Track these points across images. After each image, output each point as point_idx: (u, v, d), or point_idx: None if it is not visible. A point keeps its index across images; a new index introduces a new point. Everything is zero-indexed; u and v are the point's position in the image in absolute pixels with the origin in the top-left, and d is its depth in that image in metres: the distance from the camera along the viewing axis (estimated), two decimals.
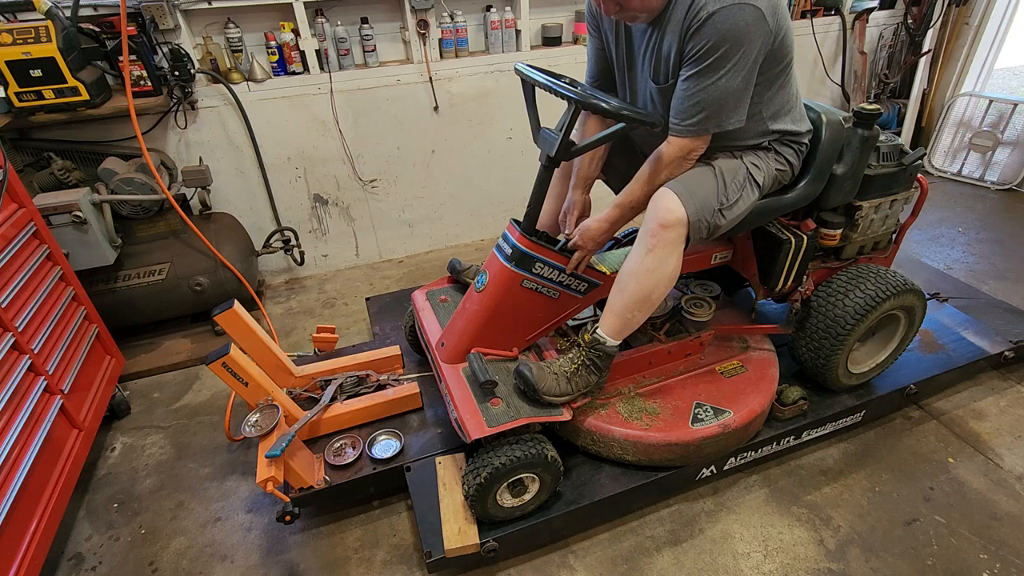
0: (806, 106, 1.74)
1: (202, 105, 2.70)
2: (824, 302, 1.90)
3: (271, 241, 2.97)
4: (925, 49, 3.95)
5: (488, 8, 2.99)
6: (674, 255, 1.54)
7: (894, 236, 2.09)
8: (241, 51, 2.67)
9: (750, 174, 1.62)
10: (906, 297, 1.88)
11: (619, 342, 1.67)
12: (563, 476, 1.70)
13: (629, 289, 1.58)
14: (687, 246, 1.57)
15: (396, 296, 2.80)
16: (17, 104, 2.19)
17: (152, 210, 2.49)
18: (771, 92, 1.56)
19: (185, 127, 2.72)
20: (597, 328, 1.66)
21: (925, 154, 3.88)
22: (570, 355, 1.69)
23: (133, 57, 2.33)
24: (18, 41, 2.10)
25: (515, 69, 1.59)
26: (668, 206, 1.50)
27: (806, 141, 1.72)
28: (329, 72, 2.81)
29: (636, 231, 1.63)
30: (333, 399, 1.98)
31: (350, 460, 1.81)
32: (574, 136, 1.66)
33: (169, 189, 2.45)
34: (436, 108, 3.08)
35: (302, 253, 3.11)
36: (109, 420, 2.31)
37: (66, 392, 1.89)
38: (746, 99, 1.46)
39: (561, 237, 1.74)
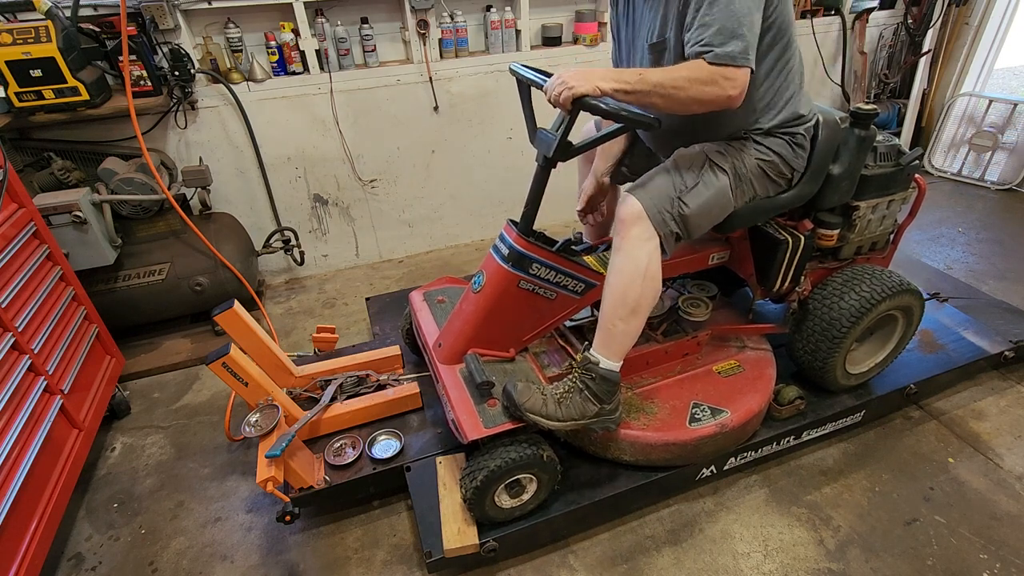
0: None
1: (202, 105, 2.70)
2: (821, 303, 1.89)
3: (271, 241, 2.98)
4: (925, 49, 3.94)
5: (488, 8, 2.99)
6: (640, 249, 1.49)
7: (892, 236, 2.09)
8: (241, 51, 2.68)
9: (709, 159, 1.57)
10: (903, 297, 1.88)
11: (616, 364, 1.59)
12: (562, 476, 1.70)
13: (606, 295, 1.56)
14: (668, 246, 1.53)
15: (396, 296, 2.80)
16: (17, 104, 2.19)
17: (152, 210, 2.50)
18: (768, 78, 1.54)
19: (185, 127, 2.72)
20: (590, 348, 1.61)
21: (922, 154, 3.88)
22: (567, 377, 1.65)
23: (133, 57, 2.34)
24: (18, 41, 2.10)
25: (509, 69, 1.59)
26: (625, 203, 1.51)
27: (802, 131, 1.66)
28: (329, 72, 2.81)
29: None
30: (333, 399, 1.98)
31: (350, 460, 1.81)
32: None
33: (169, 189, 2.46)
34: (436, 108, 3.08)
35: (302, 253, 3.11)
36: (109, 420, 2.31)
37: (66, 392, 1.89)
38: (756, 31, 1.39)
39: (561, 237, 1.73)
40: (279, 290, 3.21)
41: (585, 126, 1.94)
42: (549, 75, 1.50)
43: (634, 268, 1.50)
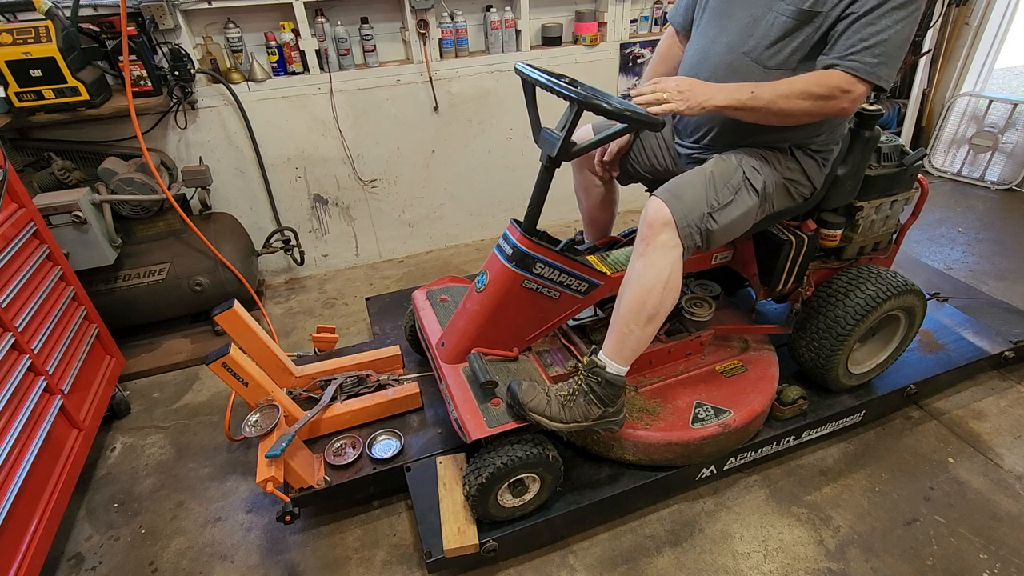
0: None
1: (202, 105, 2.70)
2: (824, 302, 1.90)
3: (271, 241, 2.97)
4: (925, 49, 3.95)
5: (488, 8, 2.99)
6: (664, 258, 1.48)
7: (894, 236, 2.09)
8: (241, 51, 2.67)
9: (746, 178, 1.56)
10: (906, 297, 1.89)
11: (623, 369, 1.57)
12: (563, 476, 1.70)
13: (623, 299, 1.54)
14: (685, 256, 1.52)
15: (396, 296, 2.80)
16: (17, 104, 2.19)
17: (152, 210, 2.49)
18: None
19: (185, 127, 2.72)
20: (597, 351, 1.60)
21: (926, 155, 3.88)
22: (571, 379, 1.64)
23: (133, 57, 2.33)
24: (18, 41, 2.09)
25: (515, 69, 1.59)
26: (654, 208, 1.48)
27: (836, 149, 1.67)
28: (329, 72, 2.81)
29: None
30: (333, 399, 1.98)
31: (350, 460, 1.81)
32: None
33: (169, 189, 2.45)
34: (436, 108, 3.08)
35: (302, 253, 3.11)
36: (109, 420, 2.30)
37: (66, 392, 1.89)
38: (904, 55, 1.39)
39: (564, 238, 1.73)
40: (279, 290, 3.20)
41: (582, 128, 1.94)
42: (556, 75, 1.50)
43: (656, 276, 1.48)
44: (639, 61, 3.35)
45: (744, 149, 1.61)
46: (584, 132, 1.90)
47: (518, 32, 3.08)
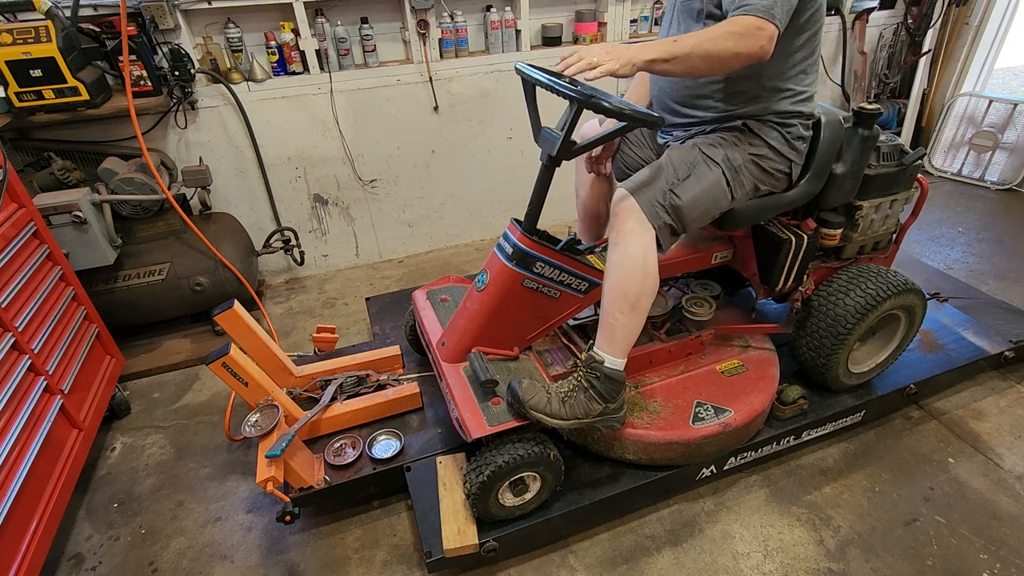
0: None
1: (202, 105, 2.70)
2: (824, 302, 1.90)
3: (271, 241, 2.97)
4: (925, 49, 3.95)
5: (488, 8, 2.99)
6: (636, 244, 1.50)
7: (894, 236, 2.09)
8: (241, 51, 2.67)
9: (703, 153, 1.59)
10: (906, 297, 1.89)
11: (620, 362, 1.59)
12: (564, 475, 1.70)
13: (605, 291, 1.56)
14: (663, 239, 1.53)
15: (396, 296, 2.80)
16: (17, 104, 2.19)
17: (152, 210, 2.49)
18: (796, 59, 1.55)
19: (185, 127, 2.72)
20: (592, 346, 1.61)
21: (925, 154, 3.87)
22: (571, 376, 1.65)
23: (133, 57, 2.33)
24: (18, 41, 2.10)
25: (516, 68, 1.59)
26: (618, 198, 1.54)
27: (799, 124, 1.66)
28: (329, 72, 2.81)
29: None
30: (333, 399, 1.98)
31: (350, 460, 1.81)
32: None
33: (169, 189, 2.45)
34: (436, 108, 3.08)
35: (302, 253, 3.11)
36: (109, 420, 2.30)
37: (66, 392, 1.89)
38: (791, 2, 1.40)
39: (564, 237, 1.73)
40: (279, 290, 3.20)
41: (586, 124, 1.94)
42: (556, 75, 1.50)
43: (631, 263, 1.51)
44: None
45: (699, 138, 1.65)
46: (586, 129, 1.90)
47: (518, 32, 3.08)
